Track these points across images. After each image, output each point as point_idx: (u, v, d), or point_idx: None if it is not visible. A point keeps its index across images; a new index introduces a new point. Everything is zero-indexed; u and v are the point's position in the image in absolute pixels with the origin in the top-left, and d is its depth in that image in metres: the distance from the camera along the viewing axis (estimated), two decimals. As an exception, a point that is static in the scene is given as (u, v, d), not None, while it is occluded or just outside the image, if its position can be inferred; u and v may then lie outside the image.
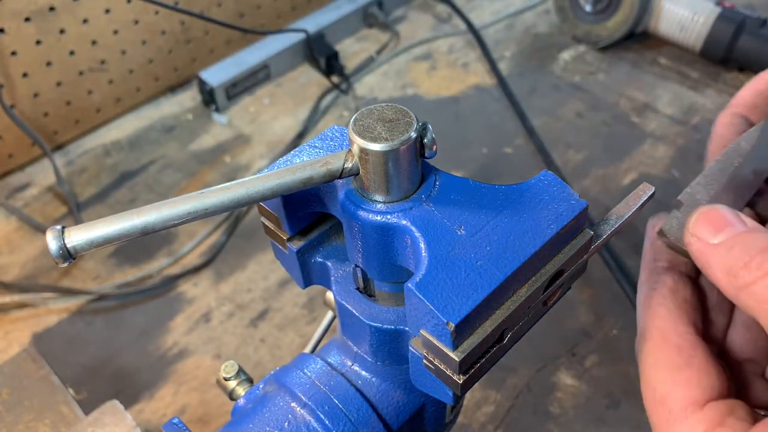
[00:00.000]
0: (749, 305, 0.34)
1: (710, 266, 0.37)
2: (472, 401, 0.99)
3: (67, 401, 0.74)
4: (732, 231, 0.37)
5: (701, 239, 0.37)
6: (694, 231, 0.38)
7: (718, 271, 0.36)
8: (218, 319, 1.12)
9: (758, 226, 0.37)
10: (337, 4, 1.66)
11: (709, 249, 0.37)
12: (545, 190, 0.40)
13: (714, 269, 0.36)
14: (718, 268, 0.36)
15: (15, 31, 1.24)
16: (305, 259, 0.45)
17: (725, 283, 0.36)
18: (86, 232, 0.34)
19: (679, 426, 0.36)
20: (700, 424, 0.35)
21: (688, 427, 0.36)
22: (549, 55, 1.59)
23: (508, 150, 1.37)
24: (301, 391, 0.47)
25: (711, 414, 0.35)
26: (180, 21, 1.46)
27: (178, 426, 0.49)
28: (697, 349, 0.38)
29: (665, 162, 1.32)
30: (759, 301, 0.34)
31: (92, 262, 1.20)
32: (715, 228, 0.37)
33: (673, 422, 0.36)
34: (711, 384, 0.37)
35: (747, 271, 0.34)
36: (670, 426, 0.36)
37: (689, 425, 0.35)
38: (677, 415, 0.36)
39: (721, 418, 0.35)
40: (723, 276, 0.36)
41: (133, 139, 1.43)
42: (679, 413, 0.36)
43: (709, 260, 0.37)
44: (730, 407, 0.36)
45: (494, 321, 0.37)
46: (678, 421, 0.36)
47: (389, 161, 0.37)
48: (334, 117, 1.47)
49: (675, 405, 0.36)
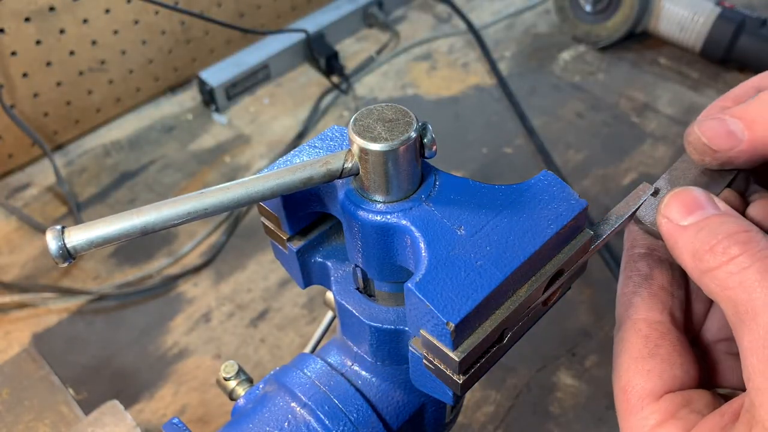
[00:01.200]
0: (711, 289, 0.34)
1: (678, 248, 0.36)
2: (472, 401, 0.99)
3: (67, 401, 0.74)
4: (703, 214, 0.36)
5: (671, 221, 0.37)
6: (665, 213, 0.38)
7: (684, 253, 0.36)
8: (218, 319, 1.12)
9: (730, 210, 0.37)
10: (337, 4, 1.66)
11: (678, 231, 0.37)
12: (545, 190, 0.40)
13: (681, 251, 0.36)
14: (685, 250, 0.36)
15: (15, 31, 1.24)
16: (305, 259, 0.45)
17: (691, 266, 0.35)
18: (86, 232, 0.34)
19: (634, 417, 0.36)
20: (653, 415, 0.35)
21: (641, 418, 0.36)
22: (549, 55, 1.59)
23: (508, 150, 1.37)
24: (301, 391, 0.47)
25: (666, 405, 0.35)
26: (180, 21, 1.46)
27: (178, 426, 0.49)
28: (666, 338, 0.38)
29: (665, 162, 1.32)
30: (721, 287, 0.33)
31: (92, 262, 1.20)
32: (687, 210, 0.37)
33: (629, 412, 0.36)
34: (673, 374, 0.37)
35: (712, 255, 0.34)
36: (627, 415, 0.37)
37: (643, 416, 0.36)
38: (633, 405, 0.36)
39: (675, 410, 0.35)
40: (689, 259, 0.35)
41: (133, 139, 1.43)
42: (636, 403, 0.36)
43: (677, 242, 0.37)
44: (687, 399, 0.36)
45: (494, 321, 0.37)
46: (633, 411, 0.36)
47: (389, 161, 0.37)
48: (334, 117, 1.47)
49: (633, 395, 0.37)
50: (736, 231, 0.34)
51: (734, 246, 0.34)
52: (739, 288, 0.33)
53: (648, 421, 0.35)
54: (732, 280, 0.33)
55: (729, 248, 0.34)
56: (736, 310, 0.33)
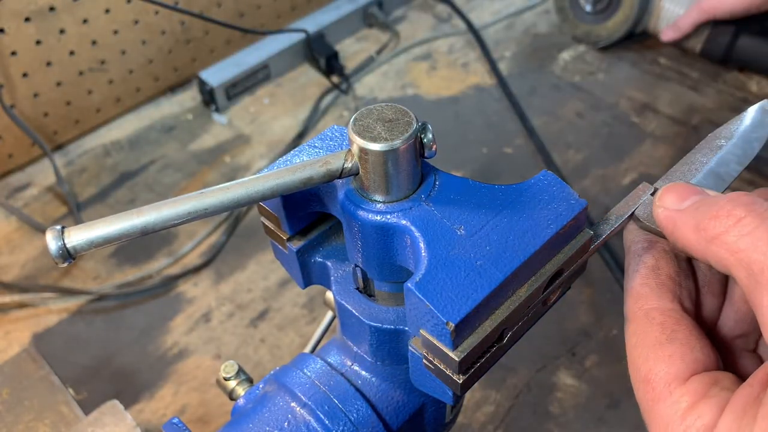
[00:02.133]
0: (720, 257, 0.33)
1: (678, 228, 0.36)
2: (472, 401, 0.99)
3: (67, 401, 0.74)
4: (698, 197, 0.37)
5: (667, 208, 0.38)
6: (659, 203, 0.38)
7: (686, 230, 0.36)
8: (218, 319, 1.12)
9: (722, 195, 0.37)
10: (337, 4, 1.66)
11: (675, 214, 0.37)
12: (545, 190, 0.40)
13: (682, 229, 0.36)
14: (687, 227, 0.36)
15: (15, 31, 1.24)
16: (305, 259, 0.45)
17: (695, 239, 0.35)
18: (86, 232, 0.34)
19: (663, 403, 0.35)
20: (685, 397, 0.34)
21: (672, 403, 0.34)
22: (549, 55, 1.59)
23: (508, 150, 1.37)
24: (300, 391, 0.47)
25: (695, 386, 0.34)
26: (180, 21, 1.46)
27: (178, 426, 0.49)
28: (681, 323, 0.37)
29: (665, 162, 1.32)
30: (731, 251, 0.33)
31: (92, 262, 1.20)
32: (681, 197, 0.38)
33: (658, 400, 0.35)
34: (695, 357, 0.35)
35: (717, 220, 0.34)
36: (655, 404, 0.35)
37: (673, 400, 0.34)
38: (661, 392, 0.35)
39: (705, 389, 0.34)
40: (692, 233, 0.35)
41: (133, 139, 1.43)
42: (663, 389, 0.35)
43: (676, 223, 0.37)
44: (715, 378, 0.35)
45: (494, 321, 0.37)
46: (662, 398, 0.35)
47: (389, 161, 0.37)
48: (334, 117, 1.47)
49: (658, 382, 0.35)
50: (737, 196, 0.34)
51: (738, 208, 0.33)
52: (752, 249, 0.32)
53: (680, 405, 0.34)
54: (743, 241, 0.32)
55: (733, 210, 0.33)
56: (751, 272, 0.32)
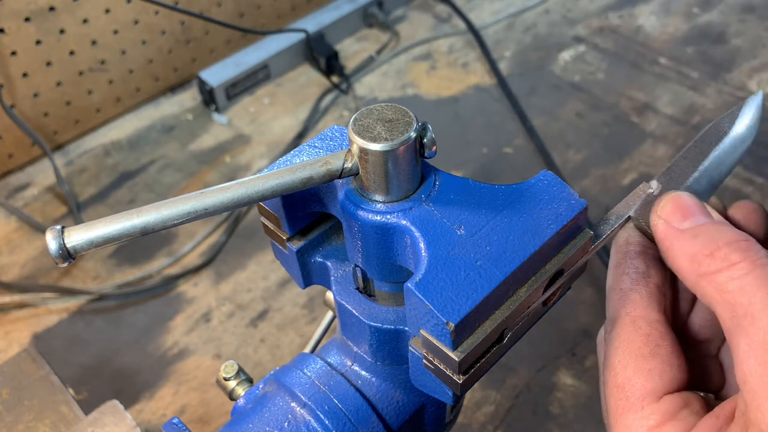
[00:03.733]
0: (708, 293, 0.35)
1: (674, 251, 0.37)
2: (472, 401, 0.99)
3: (67, 401, 0.74)
4: (697, 220, 0.38)
5: (668, 223, 0.38)
6: (660, 214, 0.39)
7: (681, 256, 0.37)
8: (218, 319, 1.12)
9: (723, 220, 0.38)
10: (337, 4, 1.66)
11: (674, 234, 0.38)
12: (545, 190, 0.40)
13: (678, 254, 0.37)
14: (683, 254, 0.37)
15: (15, 31, 1.24)
16: (305, 259, 0.45)
17: (687, 269, 0.36)
18: (86, 232, 0.34)
19: (633, 415, 0.36)
20: (654, 415, 0.36)
21: (641, 417, 0.36)
22: (549, 55, 1.59)
23: (508, 150, 1.37)
24: (300, 391, 0.47)
25: (666, 407, 0.36)
26: (180, 21, 1.46)
27: (178, 426, 0.49)
28: (665, 338, 0.38)
29: (665, 162, 1.32)
30: (720, 291, 0.34)
31: (92, 262, 1.20)
32: (683, 214, 0.38)
33: (628, 410, 0.36)
34: (672, 376, 0.37)
35: (712, 259, 0.35)
36: (624, 413, 0.37)
37: (643, 415, 0.36)
38: (633, 404, 0.36)
39: (675, 411, 0.35)
40: (686, 262, 0.36)
41: (133, 139, 1.43)
42: (636, 402, 0.36)
43: (673, 244, 0.37)
44: (686, 400, 0.36)
45: (494, 321, 0.37)
46: (633, 410, 0.36)
47: (389, 161, 0.37)
48: (334, 117, 1.47)
49: (634, 393, 0.37)
50: (736, 239, 0.35)
51: (735, 253, 0.34)
52: (739, 292, 0.33)
53: (648, 421, 0.36)
54: (732, 284, 0.34)
55: (730, 255, 0.34)
56: (734, 314, 0.33)
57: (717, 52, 1.57)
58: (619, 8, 1.72)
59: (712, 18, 1.67)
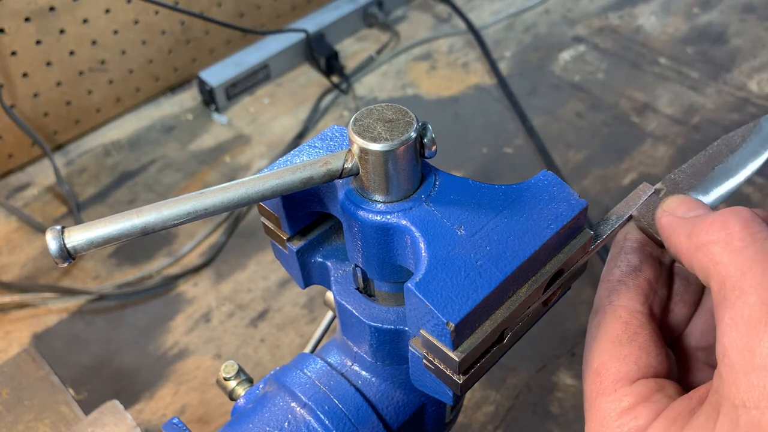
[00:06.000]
0: (703, 264, 0.34)
1: (675, 234, 0.38)
2: (472, 401, 0.99)
3: (67, 401, 0.74)
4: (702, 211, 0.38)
5: (672, 214, 0.39)
6: (666, 208, 0.39)
7: (681, 235, 0.37)
8: (218, 319, 1.12)
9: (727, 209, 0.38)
10: (337, 4, 1.66)
11: (677, 221, 0.38)
12: (545, 190, 0.40)
13: (678, 234, 0.37)
14: (682, 233, 0.37)
15: (15, 31, 1.24)
16: (305, 259, 0.45)
17: (685, 245, 0.36)
18: (86, 232, 0.34)
19: (606, 398, 0.36)
20: (627, 397, 0.36)
21: (614, 400, 0.36)
22: (549, 55, 1.59)
23: (508, 150, 1.37)
24: (301, 391, 0.47)
25: (639, 389, 0.36)
26: (180, 21, 1.46)
27: (178, 426, 0.49)
28: (645, 327, 0.39)
29: (665, 162, 1.32)
30: (713, 261, 0.34)
31: (92, 262, 1.20)
32: (687, 208, 0.39)
33: (602, 393, 0.37)
34: (648, 362, 0.37)
35: (710, 228, 0.35)
36: (598, 396, 0.37)
37: (616, 398, 0.36)
38: (607, 387, 0.37)
39: (649, 394, 0.36)
40: (684, 238, 0.36)
41: (133, 139, 1.43)
42: (609, 385, 0.37)
43: (675, 228, 0.38)
44: (661, 385, 0.36)
45: (494, 321, 0.37)
46: (606, 393, 0.37)
47: (389, 161, 0.37)
48: (334, 117, 1.47)
49: (608, 377, 0.37)
50: (738, 211, 0.35)
51: (734, 221, 0.34)
52: (731, 264, 0.33)
53: (620, 404, 0.36)
54: (726, 255, 0.33)
55: (728, 222, 0.34)
56: (723, 286, 0.33)
57: (717, 52, 1.57)
58: (619, 8, 1.72)
59: (712, 18, 1.67)
